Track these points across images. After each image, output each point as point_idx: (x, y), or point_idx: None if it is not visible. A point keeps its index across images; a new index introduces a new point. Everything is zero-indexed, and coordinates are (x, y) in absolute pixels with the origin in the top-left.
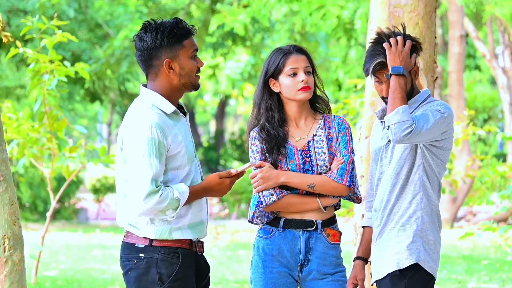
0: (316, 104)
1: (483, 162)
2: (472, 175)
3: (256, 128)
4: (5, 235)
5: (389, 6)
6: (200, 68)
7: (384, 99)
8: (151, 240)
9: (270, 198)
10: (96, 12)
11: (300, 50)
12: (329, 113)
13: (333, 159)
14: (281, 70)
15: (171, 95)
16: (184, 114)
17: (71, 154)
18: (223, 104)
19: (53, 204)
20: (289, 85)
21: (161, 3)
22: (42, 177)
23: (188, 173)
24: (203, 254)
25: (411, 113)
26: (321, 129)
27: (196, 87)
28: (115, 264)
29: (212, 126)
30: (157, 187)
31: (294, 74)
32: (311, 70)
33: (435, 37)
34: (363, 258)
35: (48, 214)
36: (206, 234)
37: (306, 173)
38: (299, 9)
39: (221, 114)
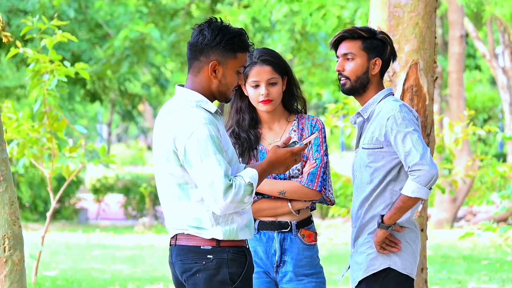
0: (292, 104)
1: (483, 162)
2: (472, 175)
3: (229, 131)
4: (5, 235)
5: (389, 6)
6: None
7: (339, 73)
8: (219, 241)
9: None
10: (96, 12)
11: (265, 61)
12: (304, 113)
13: (305, 162)
14: (246, 79)
15: (208, 97)
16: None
17: (71, 154)
18: (223, 104)
19: (53, 204)
20: (252, 96)
21: (161, 3)
22: (42, 177)
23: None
24: None
25: (367, 117)
26: (294, 131)
27: (228, 100)
28: (115, 264)
29: None
30: (230, 180)
31: (256, 86)
32: (280, 79)
33: (435, 37)
34: None
35: (48, 214)
36: None
37: (278, 176)
38: (300, 9)
39: (221, 114)
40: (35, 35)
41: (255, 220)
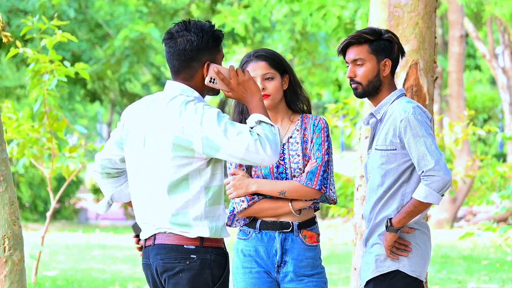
0: (296, 104)
1: (483, 162)
2: (472, 175)
3: None
4: (5, 235)
5: (389, 6)
6: None
7: (350, 80)
8: (202, 241)
9: (241, 205)
10: (96, 12)
11: (260, 56)
12: (309, 113)
13: (307, 161)
14: None
15: (201, 95)
16: None
17: (71, 154)
18: (223, 104)
19: (53, 204)
20: None
21: (161, 3)
22: (42, 177)
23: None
24: None
25: (380, 118)
26: (297, 130)
27: (218, 92)
28: (115, 264)
29: None
30: (255, 138)
31: None
32: (277, 75)
33: (435, 37)
34: None
35: (48, 214)
36: None
37: (280, 176)
38: (300, 9)
39: None
40: (35, 35)
41: (257, 219)
